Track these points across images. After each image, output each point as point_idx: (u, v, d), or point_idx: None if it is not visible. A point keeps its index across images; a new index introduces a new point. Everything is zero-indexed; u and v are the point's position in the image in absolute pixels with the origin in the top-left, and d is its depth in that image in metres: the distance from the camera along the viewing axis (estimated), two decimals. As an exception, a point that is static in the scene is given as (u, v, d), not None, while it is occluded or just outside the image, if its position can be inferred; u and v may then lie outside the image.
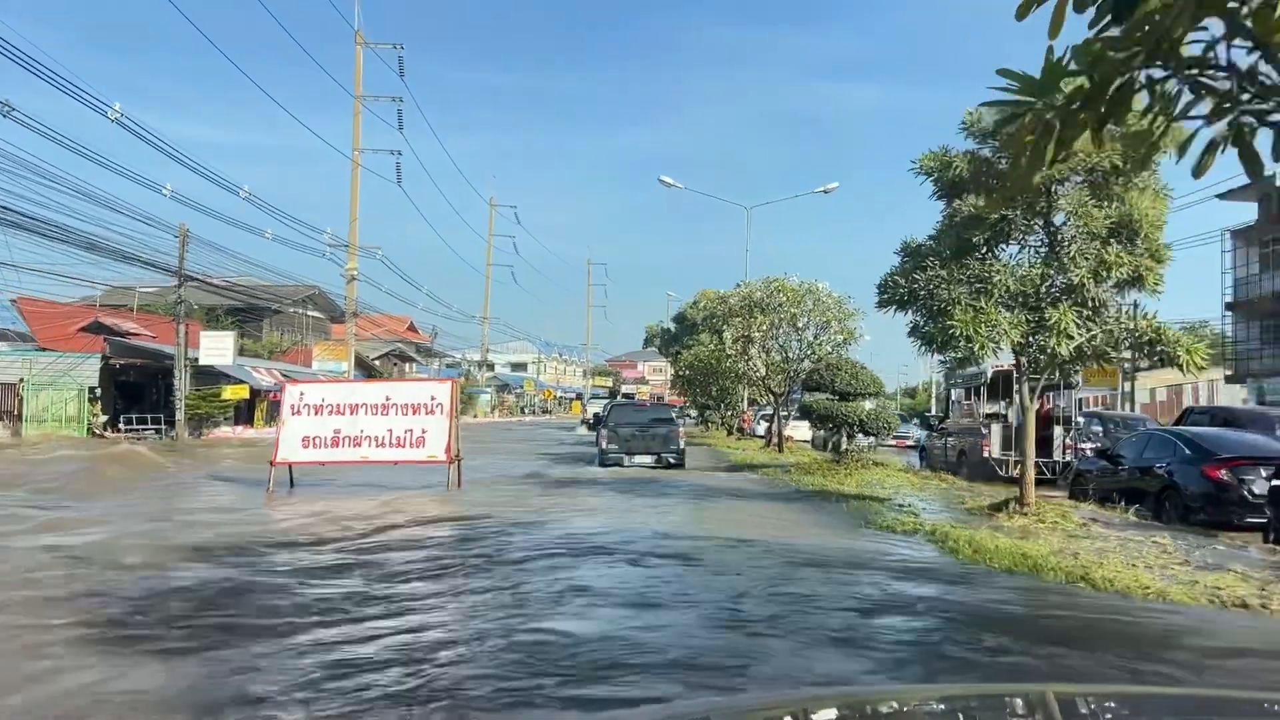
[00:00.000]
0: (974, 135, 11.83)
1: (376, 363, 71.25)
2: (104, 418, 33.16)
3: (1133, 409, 35.39)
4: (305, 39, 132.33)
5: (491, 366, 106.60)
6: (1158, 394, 48.87)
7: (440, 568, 8.55)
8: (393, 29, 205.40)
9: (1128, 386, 36.76)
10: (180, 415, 33.29)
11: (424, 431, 16.08)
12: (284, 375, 37.75)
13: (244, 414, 38.09)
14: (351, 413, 16.06)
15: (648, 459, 21.90)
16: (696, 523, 12.59)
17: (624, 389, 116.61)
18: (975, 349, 10.81)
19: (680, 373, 43.28)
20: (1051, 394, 18.50)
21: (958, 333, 10.73)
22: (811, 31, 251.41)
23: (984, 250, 11.97)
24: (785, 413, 30.74)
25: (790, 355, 28.68)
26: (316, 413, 16.01)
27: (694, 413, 56.46)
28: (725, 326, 30.03)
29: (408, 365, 77.59)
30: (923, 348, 12.11)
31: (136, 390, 36.81)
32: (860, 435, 21.51)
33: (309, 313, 60.03)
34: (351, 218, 49.67)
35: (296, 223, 71.37)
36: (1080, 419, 20.04)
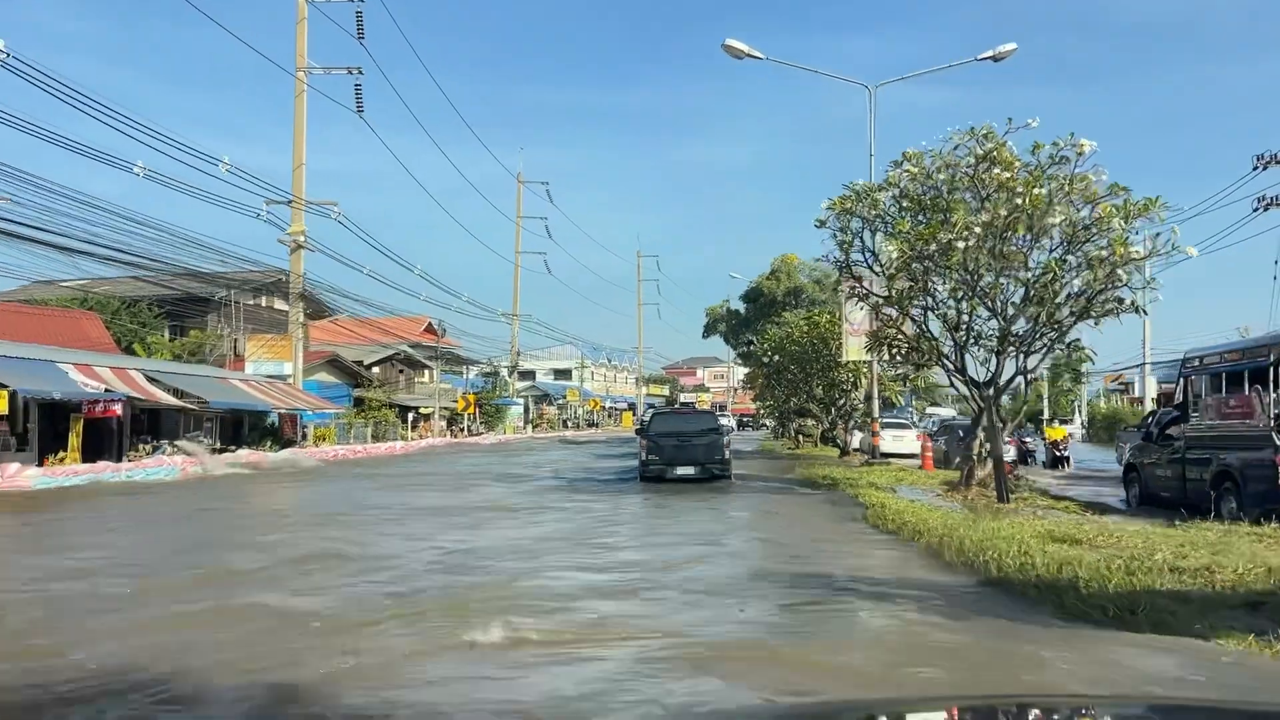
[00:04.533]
0: None
1: (375, 370, 58.00)
2: None
3: None
4: None
5: (531, 375, 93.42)
6: None
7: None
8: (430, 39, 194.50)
9: None
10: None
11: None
12: (148, 379, 24.25)
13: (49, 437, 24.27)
14: None
15: (691, 470, 19.99)
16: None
17: (682, 398, 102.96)
18: None
19: (765, 360, 28.71)
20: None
21: None
22: (873, 35, 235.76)
23: None
24: (996, 424, 15.99)
25: (1007, 301, 14.25)
26: None
27: (769, 422, 42.15)
28: (860, 265, 15.76)
29: (424, 372, 64.16)
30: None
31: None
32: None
33: (278, 306, 46.52)
34: (296, 161, 36.21)
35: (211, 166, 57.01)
36: None
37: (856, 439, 29.74)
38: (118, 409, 21.39)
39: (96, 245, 26.87)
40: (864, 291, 16.45)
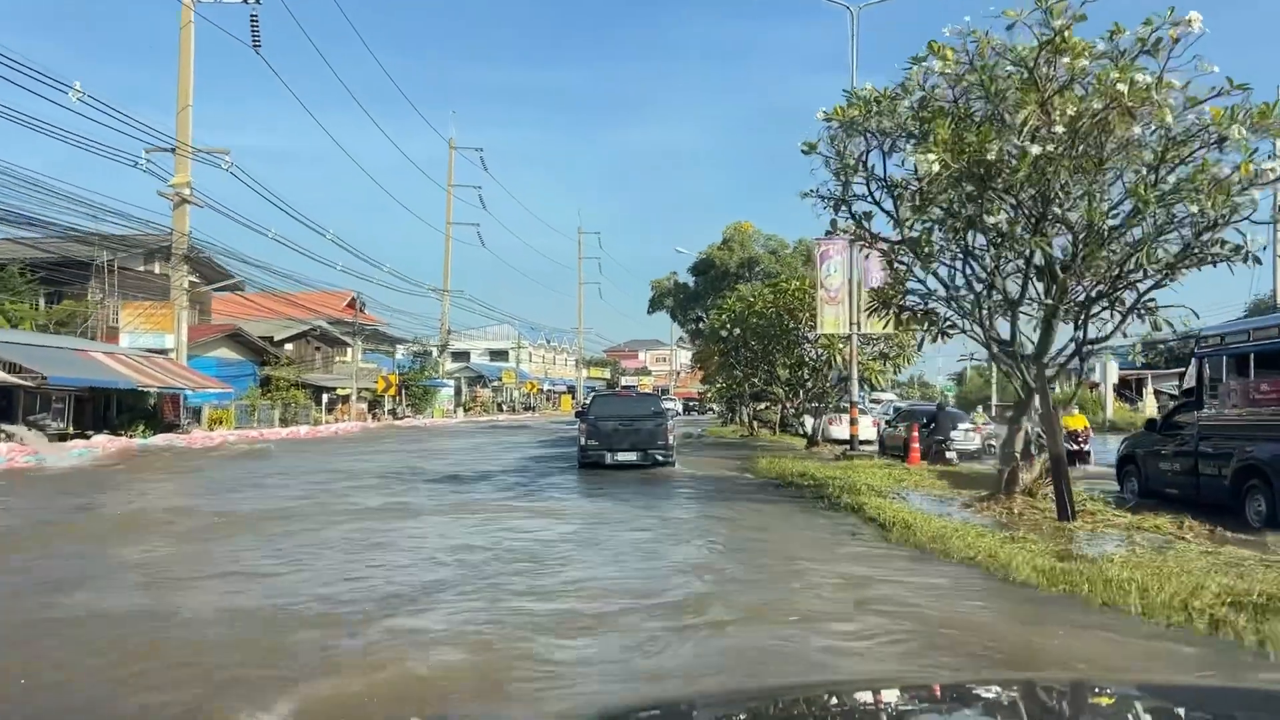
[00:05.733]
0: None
1: (288, 347, 52.95)
2: None
3: None
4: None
5: (465, 356, 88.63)
6: None
7: None
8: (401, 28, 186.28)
9: None
10: None
11: None
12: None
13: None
14: None
15: (632, 455, 19.08)
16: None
17: (623, 380, 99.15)
18: None
19: (724, 334, 24.72)
20: None
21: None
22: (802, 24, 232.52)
23: None
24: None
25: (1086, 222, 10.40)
26: None
27: (716, 407, 38.69)
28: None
29: (346, 351, 59.11)
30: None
31: None
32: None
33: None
34: (181, 103, 31.28)
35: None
36: None
37: (808, 424, 26.05)
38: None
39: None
40: (870, 236, 12.45)
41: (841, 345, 22.42)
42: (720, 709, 1.85)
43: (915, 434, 20.59)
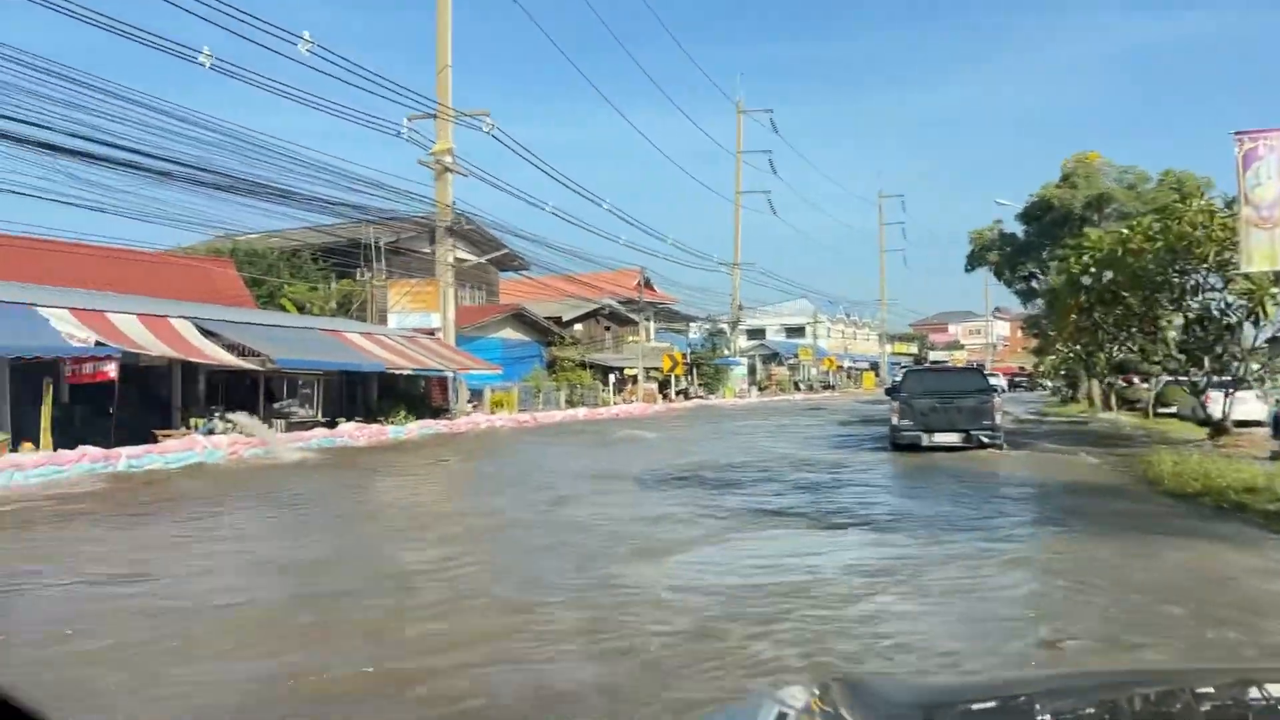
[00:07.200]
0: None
1: (577, 327, 51.29)
2: None
3: None
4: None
5: (760, 333, 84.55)
6: None
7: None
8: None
9: None
10: None
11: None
12: (202, 331, 17.82)
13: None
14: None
15: (953, 436, 17.19)
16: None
17: (932, 355, 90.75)
18: None
19: (1087, 282, 18.27)
20: None
21: None
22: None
23: None
24: None
25: None
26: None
27: (1049, 382, 31.96)
28: None
29: (637, 330, 56.69)
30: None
31: None
32: None
33: (460, 253, 39.81)
34: (440, 63, 29.18)
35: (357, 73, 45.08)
36: None
37: (1214, 405, 18.73)
38: (110, 370, 14.78)
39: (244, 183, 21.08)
40: None
41: (1277, 290, 15.53)
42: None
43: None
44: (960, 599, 6.22)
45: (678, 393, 54.23)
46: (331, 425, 20.83)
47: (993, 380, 21.93)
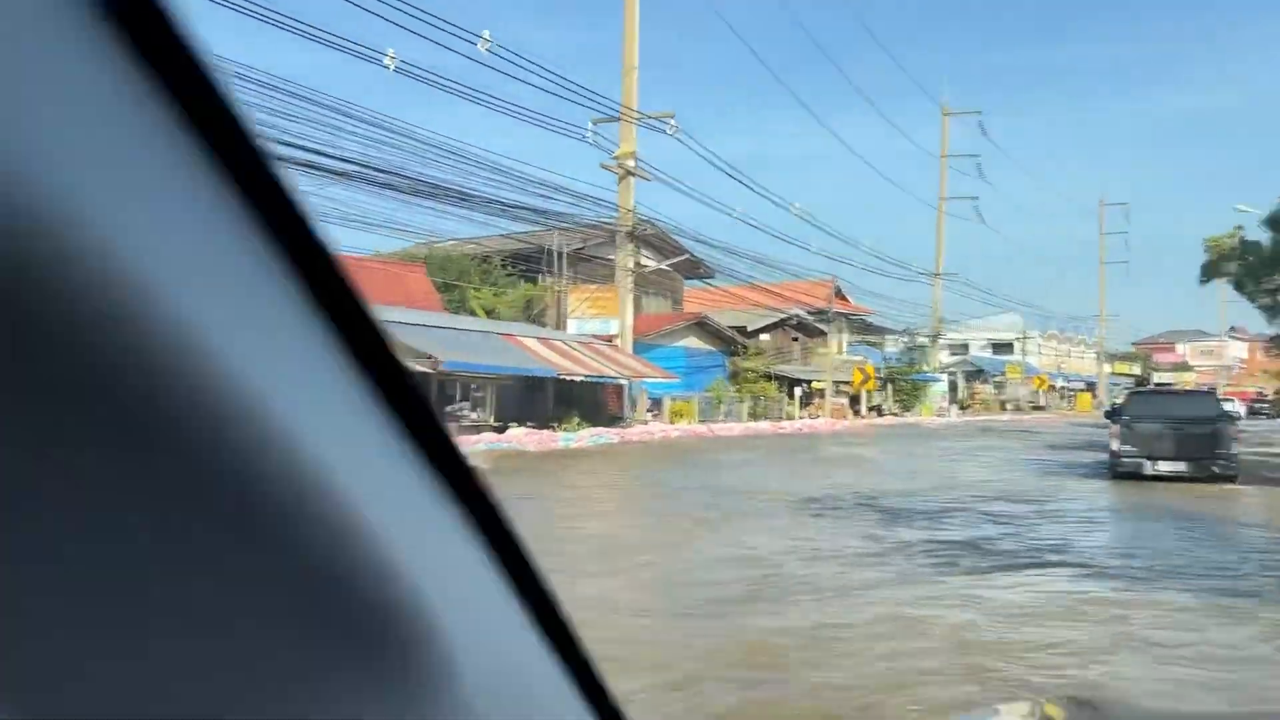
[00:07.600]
0: None
1: (764, 337, 49.97)
2: None
3: None
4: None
5: (964, 348, 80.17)
6: None
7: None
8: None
9: None
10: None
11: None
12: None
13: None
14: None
15: (1181, 465, 16.58)
16: None
17: (1156, 377, 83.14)
18: None
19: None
20: None
21: None
22: None
23: None
24: None
25: None
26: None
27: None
28: None
29: (828, 342, 54.80)
30: None
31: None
32: None
33: (643, 260, 39.43)
34: (626, 64, 28.83)
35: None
36: None
37: None
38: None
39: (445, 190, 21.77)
40: None
41: None
42: None
43: None
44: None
45: (870, 409, 51.90)
46: (501, 430, 20.67)
47: (1228, 406, 20.54)
